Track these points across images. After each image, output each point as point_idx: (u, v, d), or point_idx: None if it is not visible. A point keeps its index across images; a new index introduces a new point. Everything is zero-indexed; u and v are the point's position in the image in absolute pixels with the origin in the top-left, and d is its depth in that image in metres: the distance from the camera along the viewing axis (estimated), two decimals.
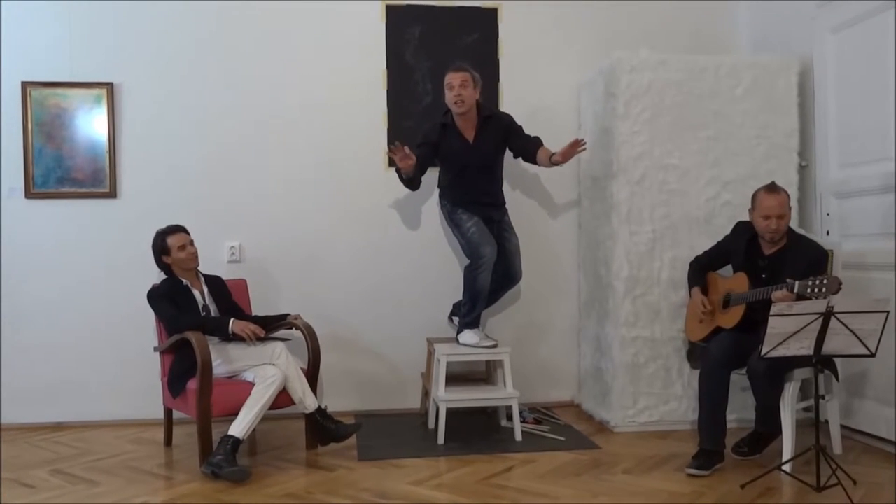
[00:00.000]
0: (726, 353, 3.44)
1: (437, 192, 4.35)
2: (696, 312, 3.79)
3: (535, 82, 4.68)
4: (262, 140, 4.52)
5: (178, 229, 3.80)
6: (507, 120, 4.17)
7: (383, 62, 4.59)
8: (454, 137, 4.07)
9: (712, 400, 3.41)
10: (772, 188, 3.49)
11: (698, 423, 3.48)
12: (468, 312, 4.09)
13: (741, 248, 3.61)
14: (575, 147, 3.90)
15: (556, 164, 4.01)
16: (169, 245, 3.74)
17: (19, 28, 4.35)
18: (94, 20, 4.39)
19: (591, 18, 4.75)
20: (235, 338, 3.63)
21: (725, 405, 3.43)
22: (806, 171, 4.22)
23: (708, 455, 3.36)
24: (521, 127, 4.16)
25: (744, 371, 3.41)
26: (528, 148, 4.13)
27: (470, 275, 4.06)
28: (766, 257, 3.54)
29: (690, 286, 3.84)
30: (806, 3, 4.22)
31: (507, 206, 4.29)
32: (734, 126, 4.13)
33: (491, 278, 4.05)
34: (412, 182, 4.08)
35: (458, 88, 3.96)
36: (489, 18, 4.67)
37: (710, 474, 3.30)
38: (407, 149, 3.88)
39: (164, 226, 3.80)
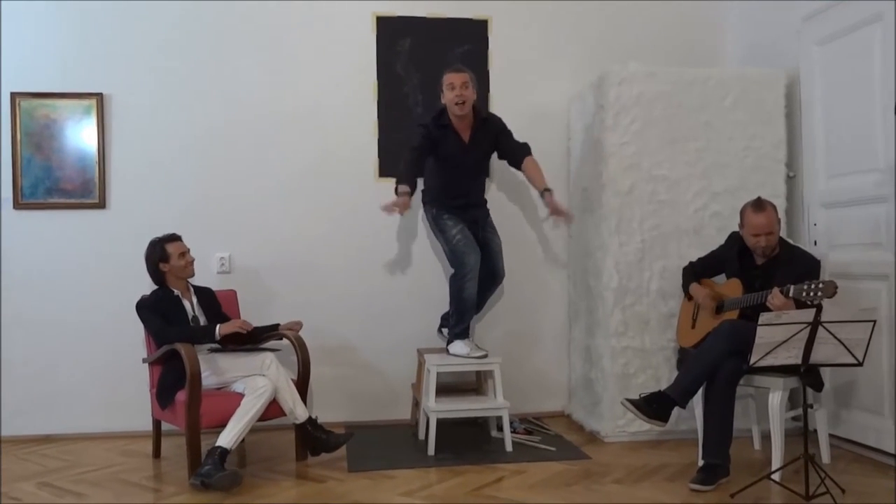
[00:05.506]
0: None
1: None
2: (688, 318, 3.80)
3: (524, 94, 4.71)
4: (252, 151, 4.53)
5: (175, 238, 3.80)
6: (500, 123, 4.20)
7: (374, 73, 4.61)
8: (451, 138, 4.07)
9: (719, 411, 3.32)
10: (758, 206, 3.49)
11: (703, 435, 3.38)
12: (457, 323, 4.09)
13: (734, 257, 3.66)
14: (563, 216, 4.06)
15: (541, 196, 4.08)
16: (169, 252, 3.73)
17: (9, 38, 4.34)
18: (84, 31, 4.40)
19: (581, 31, 4.79)
20: (225, 341, 3.61)
21: (732, 415, 3.32)
22: (793, 181, 4.25)
23: (713, 469, 3.28)
24: (510, 131, 4.19)
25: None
26: (517, 154, 4.15)
27: (456, 284, 4.07)
28: (759, 266, 3.58)
29: (686, 287, 3.85)
30: (792, 17, 4.26)
31: (488, 206, 4.34)
32: (722, 138, 4.16)
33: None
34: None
35: (459, 88, 3.95)
36: (479, 30, 4.70)
37: (714, 489, 3.23)
38: (402, 200, 3.84)
39: (158, 236, 3.79)
